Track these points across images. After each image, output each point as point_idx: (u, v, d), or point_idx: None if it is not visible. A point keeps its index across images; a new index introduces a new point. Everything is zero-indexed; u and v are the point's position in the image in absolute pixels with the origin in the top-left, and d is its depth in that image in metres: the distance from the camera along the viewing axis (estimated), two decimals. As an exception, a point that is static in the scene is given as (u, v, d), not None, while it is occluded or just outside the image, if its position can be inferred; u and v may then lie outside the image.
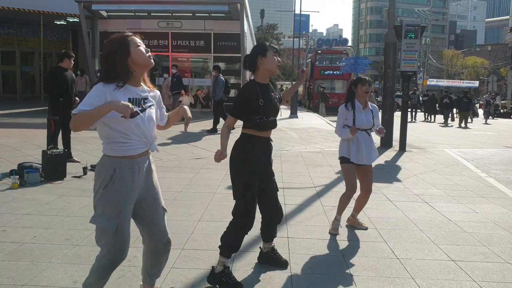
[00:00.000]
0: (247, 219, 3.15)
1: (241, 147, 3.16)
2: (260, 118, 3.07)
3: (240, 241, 3.19)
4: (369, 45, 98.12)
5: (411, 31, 10.29)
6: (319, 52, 31.70)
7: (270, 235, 3.49)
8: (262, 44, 3.21)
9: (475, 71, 70.00)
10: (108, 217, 2.39)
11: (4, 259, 3.46)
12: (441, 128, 19.12)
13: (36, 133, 9.66)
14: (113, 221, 2.39)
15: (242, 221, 3.15)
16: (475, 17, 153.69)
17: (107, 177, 2.40)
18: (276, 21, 61.17)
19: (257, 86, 3.13)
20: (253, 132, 3.14)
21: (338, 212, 4.44)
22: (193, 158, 8.26)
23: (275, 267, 3.46)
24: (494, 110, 29.96)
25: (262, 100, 3.08)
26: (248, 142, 3.15)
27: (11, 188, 5.62)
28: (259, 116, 3.08)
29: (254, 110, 3.07)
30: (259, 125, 3.09)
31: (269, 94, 3.19)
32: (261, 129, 3.12)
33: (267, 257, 3.52)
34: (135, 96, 2.45)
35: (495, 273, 3.51)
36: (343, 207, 4.44)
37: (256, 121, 3.08)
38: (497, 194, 6.33)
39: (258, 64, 3.13)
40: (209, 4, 16.85)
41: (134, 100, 2.43)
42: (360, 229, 4.52)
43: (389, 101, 10.97)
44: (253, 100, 3.08)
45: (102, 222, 2.39)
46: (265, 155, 3.24)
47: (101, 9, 17.24)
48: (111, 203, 2.40)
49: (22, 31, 22.63)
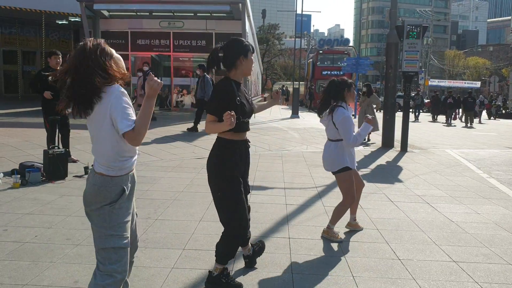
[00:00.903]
0: (242, 230, 3.08)
1: (220, 154, 3.02)
2: (236, 118, 2.83)
3: (233, 251, 3.12)
4: (371, 45, 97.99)
5: (413, 31, 10.28)
6: (320, 52, 31.70)
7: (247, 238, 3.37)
8: (244, 44, 3.04)
9: (477, 72, 69.86)
10: (121, 235, 2.24)
11: (5, 258, 3.46)
12: (442, 128, 19.09)
13: (37, 132, 9.66)
14: (125, 238, 2.25)
15: (232, 230, 3.05)
16: (477, 17, 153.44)
17: (114, 198, 2.23)
18: (277, 21, 61.04)
19: (233, 84, 3.01)
20: (230, 136, 2.99)
21: (332, 223, 4.21)
22: (194, 158, 8.25)
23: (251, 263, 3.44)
24: (496, 111, 29.89)
25: (239, 99, 2.98)
26: (226, 147, 3.01)
27: (12, 187, 5.63)
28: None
29: (231, 109, 2.84)
30: (235, 126, 2.83)
31: (244, 94, 3.10)
32: (238, 130, 2.96)
33: (252, 256, 3.46)
34: None
35: (497, 274, 3.50)
36: (338, 218, 4.22)
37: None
38: (499, 195, 6.31)
39: (237, 63, 3.00)
40: (211, 4, 16.85)
41: None
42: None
43: (391, 102, 10.95)
44: (230, 98, 2.94)
45: (117, 241, 2.23)
46: (243, 159, 3.11)
47: (103, 8, 17.23)
48: (120, 218, 2.25)
49: (24, 30, 22.67)
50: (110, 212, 2.22)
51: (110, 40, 17.93)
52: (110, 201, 2.22)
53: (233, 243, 3.10)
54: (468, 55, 75.98)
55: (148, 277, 3.23)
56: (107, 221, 2.22)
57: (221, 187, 3.02)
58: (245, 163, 3.16)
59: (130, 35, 17.90)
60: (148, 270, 3.34)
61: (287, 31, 79.02)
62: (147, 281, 3.17)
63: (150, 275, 3.27)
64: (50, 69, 6.83)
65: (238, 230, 3.06)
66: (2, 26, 22.07)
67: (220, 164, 3.00)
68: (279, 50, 57.85)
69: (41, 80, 6.84)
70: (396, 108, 11.57)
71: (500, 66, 63.93)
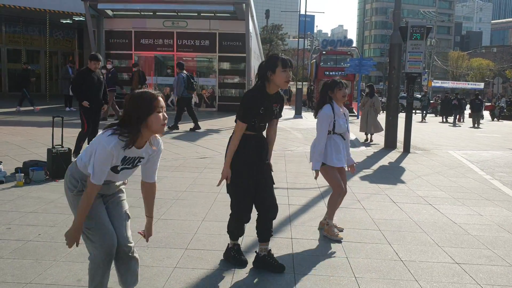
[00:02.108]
0: (241, 214, 3.41)
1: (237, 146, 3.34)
2: (254, 122, 3.30)
3: (241, 229, 3.53)
4: (374, 46, 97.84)
5: (417, 32, 10.25)
6: (323, 52, 31.60)
7: (265, 232, 3.43)
8: (273, 58, 3.30)
9: (480, 73, 69.68)
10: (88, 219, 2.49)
11: (8, 257, 3.47)
12: (445, 129, 19.04)
13: (41, 131, 9.70)
14: (91, 219, 2.49)
15: (237, 215, 3.44)
16: (481, 18, 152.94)
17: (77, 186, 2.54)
18: (281, 22, 61.10)
19: (262, 93, 3.30)
20: (248, 132, 3.33)
21: (329, 217, 4.28)
22: (197, 158, 8.27)
23: (272, 272, 3.36)
24: (499, 113, 29.81)
25: (263, 108, 3.28)
26: (243, 141, 3.31)
27: (16, 186, 5.65)
28: (254, 120, 3.29)
29: (255, 115, 3.28)
30: (252, 127, 3.32)
31: (271, 103, 3.35)
32: (253, 130, 3.35)
33: (263, 261, 3.41)
34: (132, 156, 2.45)
35: (499, 276, 3.50)
36: (333, 210, 4.32)
37: (251, 123, 3.29)
38: (502, 196, 6.30)
39: (267, 76, 3.27)
40: (215, 4, 16.87)
41: (129, 159, 2.44)
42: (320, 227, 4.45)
43: (394, 103, 10.94)
44: (255, 107, 3.27)
45: (85, 223, 2.48)
46: (256, 151, 3.38)
47: (107, 8, 17.28)
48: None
49: (28, 29, 22.73)
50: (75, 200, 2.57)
51: (114, 39, 18.01)
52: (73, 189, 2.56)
53: (234, 224, 3.51)
54: (472, 56, 75.79)
55: (150, 276, 3.24)
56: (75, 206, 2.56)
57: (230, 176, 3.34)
58: (260, 154, 3.41)
59: (134, 34, 17.93)
60: (151, 269, 3.35)
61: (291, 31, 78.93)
62: (149, 280, 3.18)
63: (152, 274, 3.28)
64: (91, 72, 7.09)
65: (236, 216, 3.45)
66: (7, 25, 22.14)
67: (235, 156, 3.31)
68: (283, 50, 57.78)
69: (85, 81, 7.05)
70: (399, 109, 11.56)
71: (503, 68, 63.71)
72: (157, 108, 2.36)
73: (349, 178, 7.04)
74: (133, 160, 2.46)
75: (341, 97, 4.25)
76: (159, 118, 2.36)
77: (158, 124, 2.36)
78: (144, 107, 2.33)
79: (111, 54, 17.69)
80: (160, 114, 2.37)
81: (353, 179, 7.03)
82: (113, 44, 18.05)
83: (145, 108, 2.33)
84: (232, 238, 3.56)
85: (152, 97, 2.35)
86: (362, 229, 4.53)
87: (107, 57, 18.02)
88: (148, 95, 2.36)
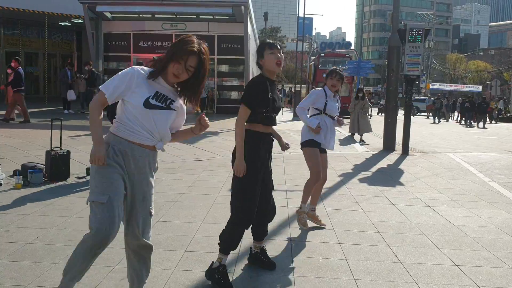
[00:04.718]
0: (243, 216, 3.16)
1: (246, 145, 3.16)
2: (267, 112, 3.15)
3: (236, 239, 3.21)
4: (372, 49, 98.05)
5: (415, 34, 10.28)
6: (322, 55, 31.63)
7: (260, 233, 3.49)
8: (260, 44, 3.33)
9: (478, 75, 69.80)
10: (100, 191, 2.41)
11: (7, 259, 3.46)
12: (444, 131, 19.07)
13: (39, 133, 9.68)
14: (105, 194, 2.40)
15: (238, 218, 3.17)
16: (479, 21, 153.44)
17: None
18: (279, 24, 61.34)
19: (266, 80, 3.23)
20: (258, 128, 3.19)
21: (302, 201, 4.50)
22: (195, 160, 8.26)
23: (264, 269, 3.46)
24: (497, 115, 29.93)
25: (271, 94, 3.18)
26: (253, 139, 3.18)
27: (14, 188, 5.63)
28: (266, 110, 3.15)
29: (263, 103, 3.13)
30: (265, 119, 3.17)
31: (275, 91, 3.30)
32: (267, 123, 3.21)
33: (256, 257, 3.51)
34: (164, 93, 2.50)
35: (498, 278, 3.50)
36: (307, 196, 4.52)
37: (263, 114, 3.15)
38: (500, 199, 6.30)
39: (260, 64, 3.30)
40: (213, 6, 16.90)
41: (161, 96, 2.48)
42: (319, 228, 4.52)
43: (392, 105, 10.96)
44: (263, 92, 3.14)
45: (95, 195, 2.41)
46: (268, 151, 3.33)
47: (106, 10, 17.30)
48: (102, 177, 2.43)
49: (26, 32, 22.74)
50: (96, 170, 2.45)
51: (113, 41, 18.02)
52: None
53: (234, 231, 3.19)
54: (470, 59, 75.95)
55: (149, 279, 3.21)
56: (94, 176, 2.47)
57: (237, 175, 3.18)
58: (269, 155, 3.35)
59: (133, 37, 17.95)
60: (150, 271, 3.33)
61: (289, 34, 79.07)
62: (148, 282, 3.16)
63: (151, 276, 3.26)
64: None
65: (240, 219, 3.17)
66: (5, 27, 22.14)
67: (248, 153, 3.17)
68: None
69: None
70: (397, 111, 11.60)
71: (501, 70, 63.85)
72: (187, 61, 2.45)
73: (348, 180, 7.05)
74: (165, 98, 2.50)
75: (330, 86, 4.52)
76: (180, 69, 2.45)
77: (175, 71, 2.45)
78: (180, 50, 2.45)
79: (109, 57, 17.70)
80: (181, 67, 2.45)
81: (352, 181, 7.03)
82: (112, 47, 18.06)
83: (180, 51, 2.45)
84: (222, 250, 3.19)
85: (191, 52, 2.46)
86: (361, 231, 4.52)
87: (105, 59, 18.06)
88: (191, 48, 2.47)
